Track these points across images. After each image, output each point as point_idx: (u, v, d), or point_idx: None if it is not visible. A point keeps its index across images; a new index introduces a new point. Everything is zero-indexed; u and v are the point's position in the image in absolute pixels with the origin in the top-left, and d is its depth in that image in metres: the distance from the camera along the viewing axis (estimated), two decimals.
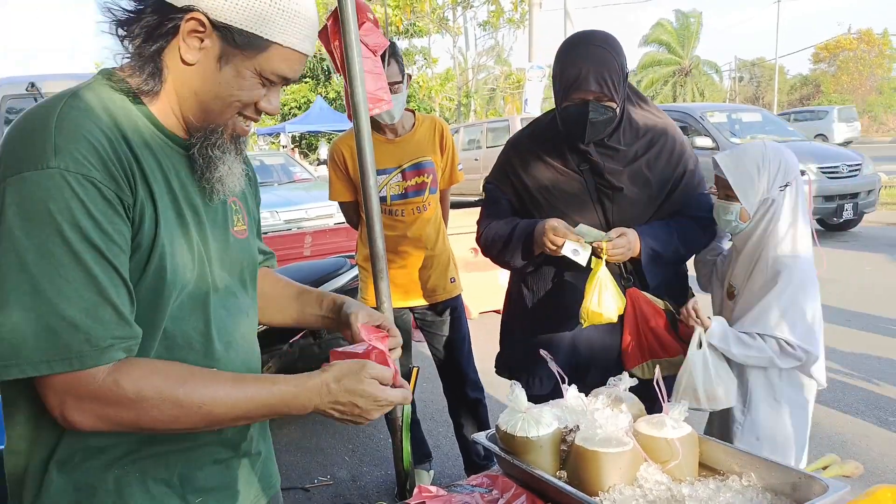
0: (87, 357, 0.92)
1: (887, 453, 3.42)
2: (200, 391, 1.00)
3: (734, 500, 1.26)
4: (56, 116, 0.97)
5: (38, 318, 0.90)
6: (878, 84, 37.13)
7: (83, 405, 0.95)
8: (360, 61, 1.84)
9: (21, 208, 0.91)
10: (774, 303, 1.89)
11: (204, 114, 1.08)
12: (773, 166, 1.92)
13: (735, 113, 10.89)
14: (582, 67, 1.89)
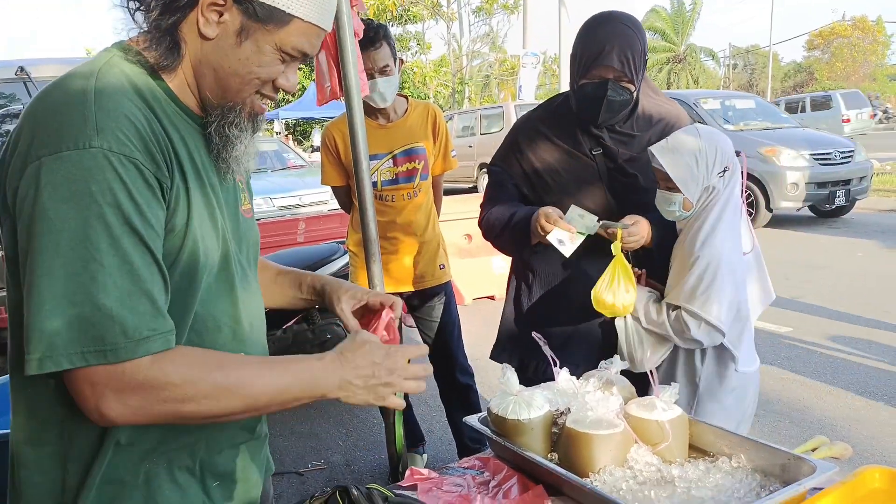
0: (121, 350, 0.87)
1: (875, 436, 3.45)
2: (238, 375, 0.97)
3: (724, 481, 1.28)
4: (94, 93, 0.92)
5: (72, 307, 0.85)
6: (871, 71, 37.16)
7: (124, 398, 0.89)
8: (354, 45, 1.82)
9: (59, 189, 0.86)
10: (690, 280, 1.90)
11: (222, 91, 1.04)
12: (711, 154, 1.91)
13: (728, 100, 10.88)
14: (606, 44, 1.86)
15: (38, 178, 0.87)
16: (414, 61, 25.72)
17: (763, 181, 8.93)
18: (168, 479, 1.06)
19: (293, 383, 1.02)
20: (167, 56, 1.01)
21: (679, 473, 1.29)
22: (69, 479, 1.01)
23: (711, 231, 1.92)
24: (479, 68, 32.94)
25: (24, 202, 0.88)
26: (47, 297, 0.85)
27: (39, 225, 0.86)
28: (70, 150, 0.87)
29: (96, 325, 0.86)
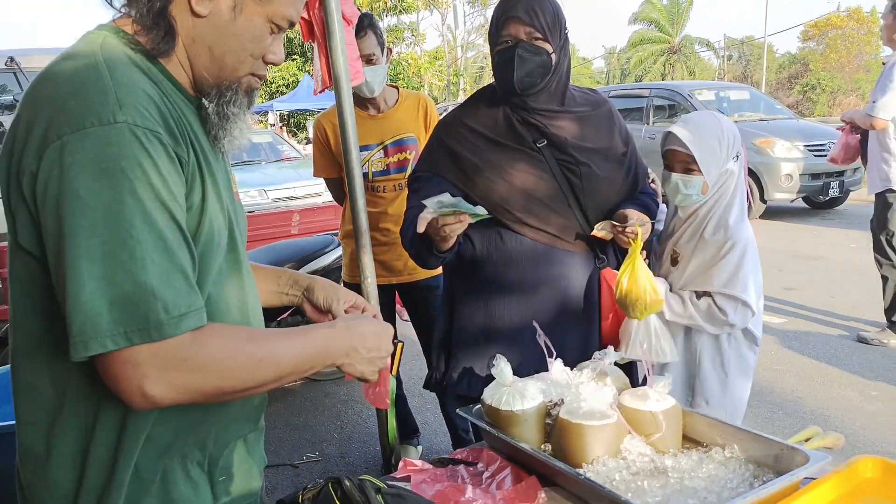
0: (165, 326, 0.85)
1: (868, 426, 3.47)
2: (269, 347, 0.98)
3: (717, 471, 1.27)
4: (105, 67, 0.90)
5: (112, 286, 0.83)
6: (865, 62, 37.19)
7: (168, 376, 0.87)
8: (342, 31, 1.80)
9: (88, 166, 0.83)
10: (728, 266, 1.91)
11: (218, 70, 1.02)
12: (729, 137, 1.91)
13: (723, 91, 10.88)
14: (511, 0, 1.76)
15: (63, 157, 0.84)
16: (408, 53, 25.62)
17: (757, 172, 8.93)
18: (182, 474, 1.04)
19: (312, 351, 1.05)
20: (162, 41, 0.98)
21: (672, 464, 1.29)
22: (89, 478, 0.98)
23: (738, 213, 1.92)
24: (474, 60, 32.84)
25: (48, 184, 0.85)
26: (87, 277, 0.83)
27: (70, 205, 0.83)
28: (95, 126, 0.84)
29: (139, 304, 0.84)
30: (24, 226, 0.90)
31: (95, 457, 0.97)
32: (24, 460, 1.02)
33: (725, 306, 1.91)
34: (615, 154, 1.91)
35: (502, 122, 1.87)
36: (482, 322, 1.92)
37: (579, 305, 1.90)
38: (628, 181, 1.94)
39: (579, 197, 1.86)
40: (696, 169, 1.90)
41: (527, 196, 1.83)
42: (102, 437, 0.97)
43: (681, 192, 1.94)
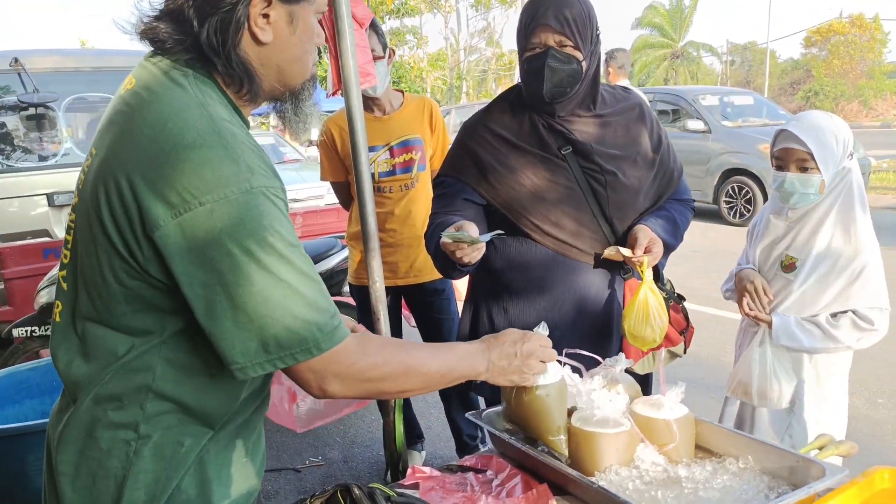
0: (322, 342, 1.01)
1: (875, 434, 3.45)
2: (418, 356, 1.16)
3: (731, 482, 1.26)
4: (224, 130, 1.00)
5: (274, 322, 0.98)
6: (868, 68, 37.18)
7: (341, 377, 1.06)
8: (352, 33, 1.78)
9: (236, 231, 0.96)
10: (868, 282, 1.87)
11: (289, 79, 1.12)
12: (845, 134, 1.87)
13: (727, 96, 10.87)
14: (540, 6, 1.71)
15: (212, 223, 0.95)
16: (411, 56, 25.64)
17: (761, 177, 8.91)
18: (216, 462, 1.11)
19: (457, 364, 1.21)
20: (248, 87, 1.08)
21: (686, 474, 1.27)
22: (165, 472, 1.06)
23: (863, 217, 1.88)
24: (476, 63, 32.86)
25: (198, 245, 0.96)
26: (254, 317, 0.97)
27: (226, 262, 0.96)
28: (236, 196, 0.96)
29: (298, 331, 1.00)
30: (154, 265, 1.00)
31: (150, 439, 1.05)
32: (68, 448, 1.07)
33: (871, 315, 1.87)
34: (644, 158, 1.86)
35: (527, 127, 1.83)
36: (501, 328, 1.89)
37: (600, 317, 1.85)
38: (656, 184, 1.88)
39: (603, 206, 1.81)
40: (814, 167, 1.86)
41: (549, 204, 1.79)
42: (160, 419, 1.05)
43: (798, 191, 1.89)
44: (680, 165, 1.97)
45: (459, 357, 1.22)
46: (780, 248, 1.99)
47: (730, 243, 7.80)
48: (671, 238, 1.84)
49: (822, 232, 1.91)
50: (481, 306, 1.96)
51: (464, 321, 2.02)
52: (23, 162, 4.99)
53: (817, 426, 1.93)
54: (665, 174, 1.91)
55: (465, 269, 1.74)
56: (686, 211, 1.97)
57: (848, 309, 1.90)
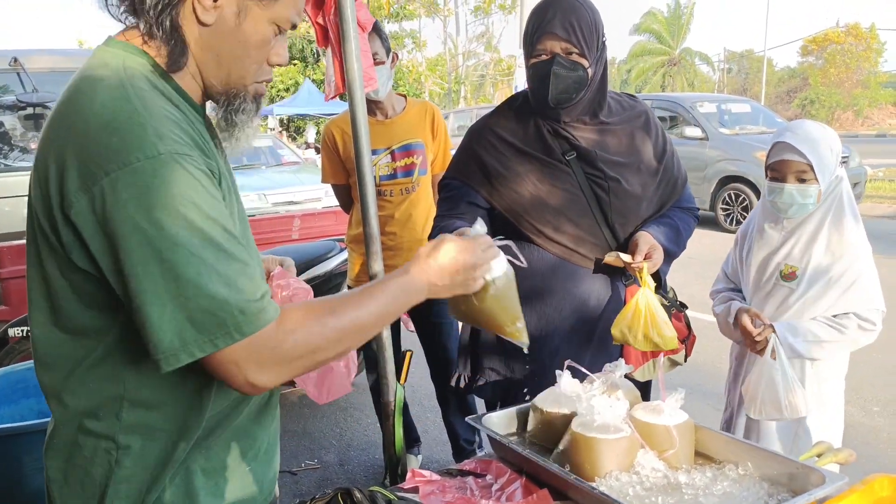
0: (244, 325, 0.93)
1: (869, 442, 3.46)
2: (349, 314, 1.03)
3: (731, 489, 1.26)
4: (136, 98, 0.94)
5: (189, 302, 0.90)
6: (864, 78, 37.37)
7: (265, 364, 0.96)
8: (357, 37, 1.78)
9: (142, 199, 0.89)
10: (865, 284, 1.90)
11: (226, 76, 1.05)
12: (836, 142, 1.90)
13: (724, 103, 10.92)
14: (547, 12, 1.71)
15: (116, 193, 0.89)
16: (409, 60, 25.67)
17: (758, 185, 8.95)
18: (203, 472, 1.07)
19: (391, 303, 1.09)
20: (177, 56, 1.01)
21: (686, 480, 1.28)
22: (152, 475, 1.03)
23: (853, 221, 1.91)
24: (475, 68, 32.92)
25: (105, 218, 0.90)
26: (166, 298, 0.90)
27: (135, 237, 0.89)
28: (141, 161, 0.89)
29: (215, 313, 0.91)
30: (79, 254, 0.94)
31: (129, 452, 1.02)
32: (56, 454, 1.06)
33: (871, 317, 1.91)
34: (648, 165, 1.87)
35: (532, 132, 1.84)
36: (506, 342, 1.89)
37: (602, 322, 1.85)
38: (659, 192, 1.90)
39: (606, 212, 1.82)
40: (812, 178, 1.87)
41: (552, 209, 1.80)
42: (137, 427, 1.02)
43: (797, 202, 1.90)
44: (684, 174, 1.99)
45: (393, 296, 1.09)
46: (779, 257, 2.00)
47: (726, 250, 7.80)
48: (673, 245, 1.85)
49: (819, 239, 1.93)
50: None
51: (465, 327, 2.02)
52: (21, 161, 4.97)
53: (819, 433, 1.94)
54: (669, 182, 1.92)
55: None
56: (689, 219, 1.98)
57: (848, 311, 1.92)
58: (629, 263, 1.73)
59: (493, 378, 1.95)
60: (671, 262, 1.91)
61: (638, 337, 1.70)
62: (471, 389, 2.02)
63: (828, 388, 2.00)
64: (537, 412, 1.50)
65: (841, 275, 1.90)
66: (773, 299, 2.01)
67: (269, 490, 1.23)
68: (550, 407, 1.47)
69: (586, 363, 1.68)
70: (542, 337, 1.85)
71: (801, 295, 1.95)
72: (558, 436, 1.41)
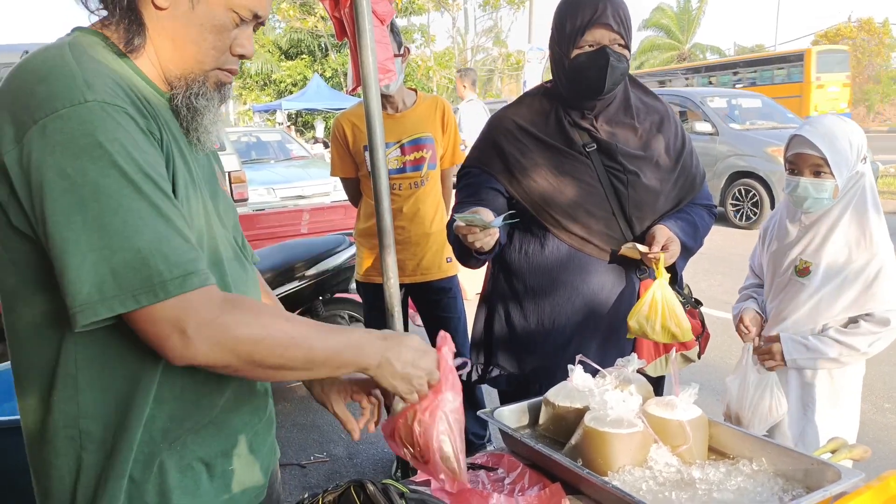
0: (169, 285, 0.88)
1: (881, 439, 3.44)
2: (303, 328, 1.00)
3: (745, 484, 1.25)
4: (72, 56, 0.93)
5: (113, 255, 0.87)
6: (875, 73, 37.03)
7: (203, 332, 0.91)
8: (372, 30, 1.78)
9: (68, 146, 0.87)
10: (884, 285, 1.87)
11: (182, 61, 1.04)
12: (857, 138, 1.87)
13: (735, 98, 10.84)
14: (599, 3, 1.70)
15: (42, 140, 0.87)
16: (418, 55, 25.64)
17: (768, 181, 8.90)
18: (179, 465, 1.04)
19: (346, 348, 1.05)
20: (134, 38, 1.01)
21: (700, 475, 1.27)
22: (87, 461, 0.99)
23: (877, 220, 1.89)
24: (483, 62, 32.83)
25: (31, 168, 0.88)
26: (86, 250, 0.86)
27: (58, 185, 0.86)
28: (66, 108, 0.87)
29: (139, 267, 0.87)
30: (13, 208, 0.92)
31: (92, 438, 0.98)
32: (29, 443, 1.04)
33: (888, 316, 1.88)
34: (666, 161, 1.87)
35: (553, 123, 1.84)
36: (517, 323, 1.92)
37: (616, 315, 1.84)
38: (677, 187, 1.90)
39: (624, 205, 1.82)
40: (828, 172, 1.86)
41: (570, 200, 1.80)
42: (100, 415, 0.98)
43: (811, 196, 1.89)
44: (703, 171, 1.99)
45: (350, 343, 1.06)
46: (794, 252, 1.98)
47: (736, 246, 7.78)
48: (690, 240, 1.85)
49: (835, 236, 1.90)
50: (497, 303, 1.96)
51: (478, 318, 2.03)
52: None
53: (830, 430, 1.93)
54: (687, 178, 1.92)
55: (482, 258, 1.75)
56: (707, 216, 1.99)
57: (864, 313, 1.89)
58: (646, 254, 1.73)
59: (507, 370, 1.96)
60: (688, 257, 1.91)
61: (656, 328, 1.68)
62: (484, 380, 2.03)
63: (842, 385, 1.99)
64: (549, 406, 1.50)
65: (859, 273, 1.88)
66: (788, 294, 1.99)
67: (258, 490, 1.19)
68: (563, 401, 1.47)
69: (598, 355, 1.69)
70: (555, 327, 1.87)
71: (814, 291, 1.93)
72: (570, 430, 1.41)
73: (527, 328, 1.90)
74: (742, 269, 2.42)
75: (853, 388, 2.02)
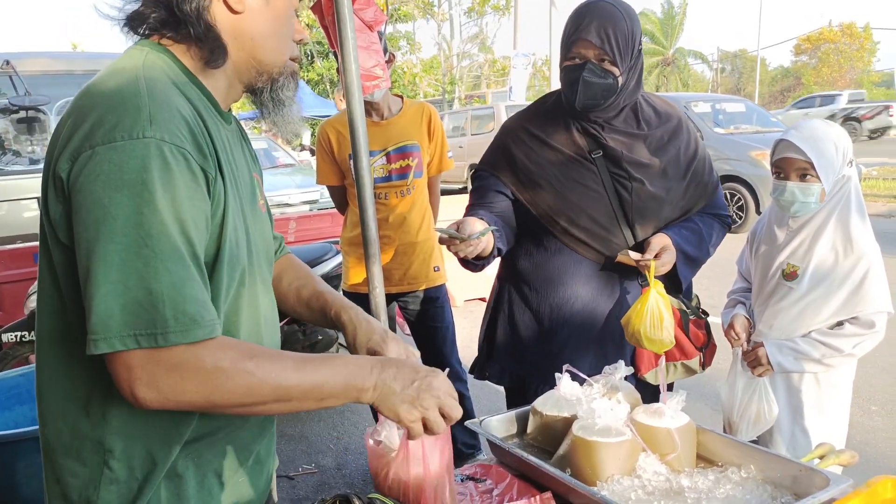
0: (171, 333, 0.88)
1: (868, 442, 3.45)
2: (269, 366, 0.95)
3: (734, 492, 1.25)
4: (145, 85, 0.94)
5: (126, 291, 0.87)
6: (857, 77, 37.50)
7: (156, 381, 0.89)
8: (354, 38, 1.77)
9: (113, 177, 0.87)
10: (870, 287, 1.88)
11: (265, 58, 1.07)
12: (843, 141, 1.88)
13: (719, 103, 10.93)
14: (585, 18, 1.73)
15: (93, 166, 0.88)
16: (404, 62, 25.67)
17: (752, 185, 8.96)
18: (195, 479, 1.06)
19: (329, 379, 0.99)
20: (215, 54, 1.03)
21: (688, 483, 1.26)
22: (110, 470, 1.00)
23: (860, 221, 1.89)
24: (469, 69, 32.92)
25: (78, 190, 0.89)
26: (103, 281, 0.87)
27: (94, 212, 0.88)
28: (124, 140, 0.89)
29: (148, 309, 0.87)
30: (63, 225, 0.94)
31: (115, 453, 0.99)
32: (47, 453, 1.05)
33: (873, 318, 1.88)
34: (676, 170, 1.88)
35: (562, 129, 1.87)
36: (520, 324, 1.96)
37: (615, 321, 1.84)
38: (687, 196, 1.91)
39: (627, 212, 1.83)
40: (814, 176, 1.87)
41: (573, 204, 1.83)
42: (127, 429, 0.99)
43: (798, 200, 1.89)
44: (716, 180, 2.00)
45: (336, 371, 0.99)
46: (782, 256, 1.99)
47: (722, 250, 7.79)
48: (693, 249, 1.86)
49: (822, 240, 1.91)
50: (502, 304, 2.01)
51: (487, 314, 2.08)
52: (13, 165, 4.95)
53: (819, 435, 1.93)
54: (698, 187, 1.93)
55: (479, 263, 1.78)
56: (717, 225, 1.98)
57: (852, 315, 1.90)
58: (637, 261, 1.74)
59: (509, 368, 2.01)
60: (694, 268, 1.91)
61: (640, 336, 1.68)
62: (484, 376, 2.08)
63: (830, 392, 1.99)
64: (537, 415, 1.49)
65: (846, 276, 1.88)
66: (775, 298, 2.00)
67: (264, 492, 1.22)
68: (550, 410, 1.46)
69: (597, 359, 1.71)
70: (555, 330, 1.90)
71: (802, 296, 1.93)
72: (558, 439, 1.40)
73: (528, 329, 1.95)
74: (729, 274, 2.43)
75: (841, 393, 2.02)
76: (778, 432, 2.00)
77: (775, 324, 1.99)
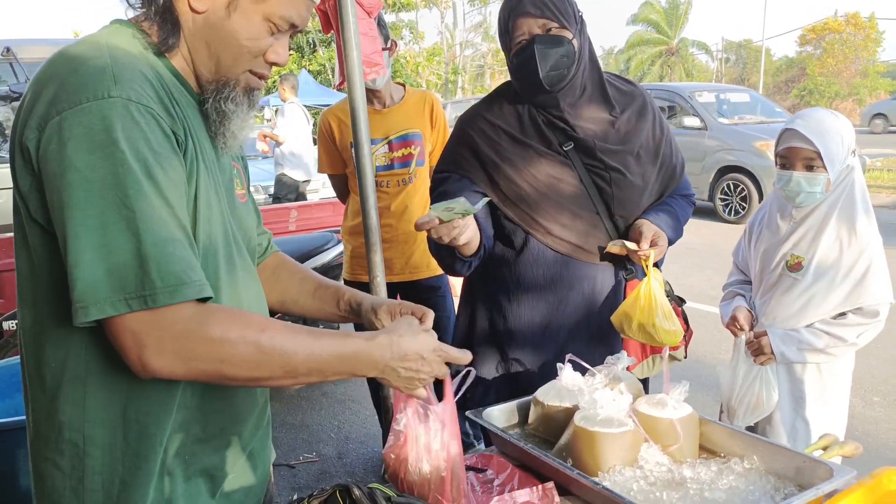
0: (160, 295, 0.87)
1: (870, 433, 3.45)
2: (280, 338, 0.95)
3: (737, 482, 1.24)
4: (108, 49, 0.94)
5: (110, 254, 0.86)
6: (863, 67, 37.27)
7: (165, 346, 0.88)
8: (356, 24, 1.75)
9: (83, 139, 0.86)
10: (874, 278, 1.87)
11: (215, 66, 1.04)
12: (848, 131, 1.87)
13: (723, 93, 10.88)
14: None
15: (61, 131, 0.87)
16: (406, 50, 25.57)
17: (756, 175, 8.93)
18: (182, 469, 1.04)
19: (336, 358, 1.01)
20: (169, 34, 1.01)
21: (690, 474, 1.25)
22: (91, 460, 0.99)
23: (864, 212, 1.88)
24: (473, 58, 32.80)
25: (49, 157, 0.88)
26: (86, 246, 0.85)
27: (69, 178, 0.86)
28: (90, 101, 0.87)
29: (135, 271, 0.86)
30: (34, 199, 0.92)
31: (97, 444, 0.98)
32: (32, 444, 1.04)
33: (876, 308, 1.88)
34: (647, 152, 1.79)
35: (527, 122, 1.75)
36: (500, 327, 1.84)
37: (601, 318, 1.78)
38: (660, 179, 1.82)
39: (609, 205, 1.74)
40: (820, 165, 1.85)
41: (551, 202, 1.72)
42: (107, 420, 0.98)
43: (804, 190, 1.88)
44: (682, 160, 1.93)
45: (344, 349, 1.02)
46: (786, 247, 1.98)
47: (725, 241, 7.80)
48: (673, 233, 1.79)
49: (826, 230, 1.90)
50: (479, 303, 1.87)
51: (461, 319, 1.94)
52: None
53: (820, 425, 1.92)
54: (668, 169, 1.86)
55: (470, 261, 1.66)
56: (686, 206, 1.93)
57: (855, 306, 1.89)
58: (635, 251, 1.66)
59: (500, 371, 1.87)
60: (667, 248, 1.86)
61: (633, 326, 1.63)
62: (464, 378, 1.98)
63: (832, 382, 1.99)
64: (538, 406, 1.48)
65: (850, 268, 1.87)
66: (779, 290, 1.98)
67: (262, 485, 1.22)
68: (552, 400, 1.45)
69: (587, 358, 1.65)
70: (544, 330, 1.80)
71: (807, 287, 1.92)
72: (560, 430, 1.39)
73: (510, 331, 1.82)
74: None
75: (842, 383, 2.02)
76: (780, 422, 1.99)
77: (778, 315, 1.98)
